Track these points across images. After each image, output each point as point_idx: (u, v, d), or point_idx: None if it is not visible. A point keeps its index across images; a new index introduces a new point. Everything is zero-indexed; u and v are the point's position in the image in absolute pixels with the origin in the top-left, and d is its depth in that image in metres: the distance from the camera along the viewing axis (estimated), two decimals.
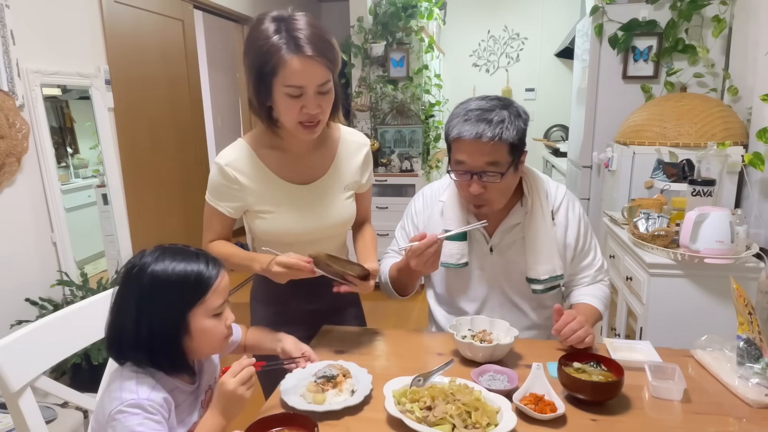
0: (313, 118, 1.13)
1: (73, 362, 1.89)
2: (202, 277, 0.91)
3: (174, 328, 0.90)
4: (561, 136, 5.39)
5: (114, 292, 0.94)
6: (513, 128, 1.23)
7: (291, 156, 1.26)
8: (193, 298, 0.91)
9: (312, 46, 1.06)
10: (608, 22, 2.77)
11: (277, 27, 1.07)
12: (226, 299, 0.97)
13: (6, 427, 1.59)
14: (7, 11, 1.96)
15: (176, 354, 0.92)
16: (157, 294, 0.89)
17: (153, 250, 0.93)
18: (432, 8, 3.92)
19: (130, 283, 0.91)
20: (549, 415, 0.96)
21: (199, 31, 4.64)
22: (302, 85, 1.08)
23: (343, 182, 1.31)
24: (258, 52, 1.08)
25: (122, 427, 0.84)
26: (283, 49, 1.06)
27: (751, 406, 1.02)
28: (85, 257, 2.41)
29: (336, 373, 1.08)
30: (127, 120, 2.66)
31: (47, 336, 1.03)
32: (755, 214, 2.11)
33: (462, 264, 1.37)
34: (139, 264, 0.91)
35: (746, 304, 1.14)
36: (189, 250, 0.95)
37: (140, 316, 0.89)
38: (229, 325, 0.97)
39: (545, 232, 1.34)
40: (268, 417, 0.93)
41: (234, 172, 1.22)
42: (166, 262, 0.90)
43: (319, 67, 1.08)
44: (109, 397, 0.88)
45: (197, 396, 1.00)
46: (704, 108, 2.39)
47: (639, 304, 2.00)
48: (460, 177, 1.28)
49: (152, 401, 0.87)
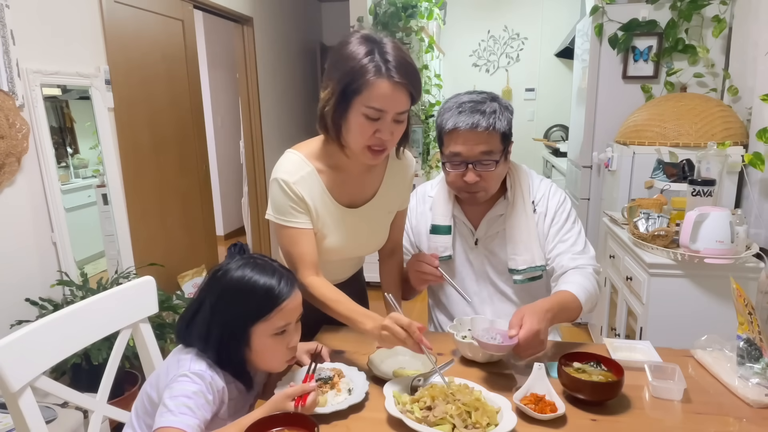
0: (383, 144, 1.11)
1: (73, 362, 1.89)
2: (272, 293, 0.94)
3: (237, 336, 0.94)
4: (561, 136, 5.39)
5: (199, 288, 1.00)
6: (504, 118, 1.29)
7: (344, 176, 1.23)
8: (259, 313, 0.94)
9: (401, 73, 1.05)
10: (608, 22, 2.77)
11: (370, 49, 1.06)
12: (294, 321, 0.98)
13: (6, 427, 1.59)
14: (7, 11, 1.96)
15: (238, 360, 0.96)
16: (229, 299, 0.93)
17: (242, 257, 0.98)
18: (432, 8, 3.92)
19: (212, 283, 0.96)
20: (549, 415, 0.96)
21: (199, 31, 4.65)
22: (383, 109, 1.06)
23: (388, 206, 1.32)
24: (346, 69, 1.06)
25: (180, 387, 0.88)
26: (372, 71, 1.04)
27: (751, 406, 1.02)
28: (85, 257, 2.41)
29: (331, 374, 1.09)
30: (127, 120, 2.66)
31: (47, 336, 1.02)
32: (755, 214, 2.11)
33: (446, 257, 1.42)
34: (225, 267, 0.96)
35: (746, 304, 1.14)
36: (270, 265, 0.98)
37: (212, 318, 0.93)
38: (293, 347, 0.99)
39: (525, 223, 1.37)
40: (268, 417, 0.93)
41: (301, 190, 1.17)
42: (245, 271, 0.94)
43: (404, 95, 1.07)
44: (177, 364, 0.93)
45: (247, 399, 1.03)
46: (704, 108, 2.39)
47: (639, 304, 2.00)
48: (456, 168, 1.32)
49: (215, 381, 0.92)
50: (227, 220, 5.48)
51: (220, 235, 5.25)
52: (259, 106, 4.19)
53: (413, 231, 1.51)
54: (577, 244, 1.36)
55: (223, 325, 0.93)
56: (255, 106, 4.16)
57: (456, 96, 1.33)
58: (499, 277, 1.43)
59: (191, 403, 0.87)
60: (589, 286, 1.27)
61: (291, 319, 0.97)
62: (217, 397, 0.93)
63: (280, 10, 4.67)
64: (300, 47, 5.23)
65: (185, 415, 0.86)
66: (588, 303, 1.27)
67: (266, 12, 4.33)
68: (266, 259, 1.00)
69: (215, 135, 5.18)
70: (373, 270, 1.50)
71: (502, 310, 1.42)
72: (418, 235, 1.50)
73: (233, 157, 5.23)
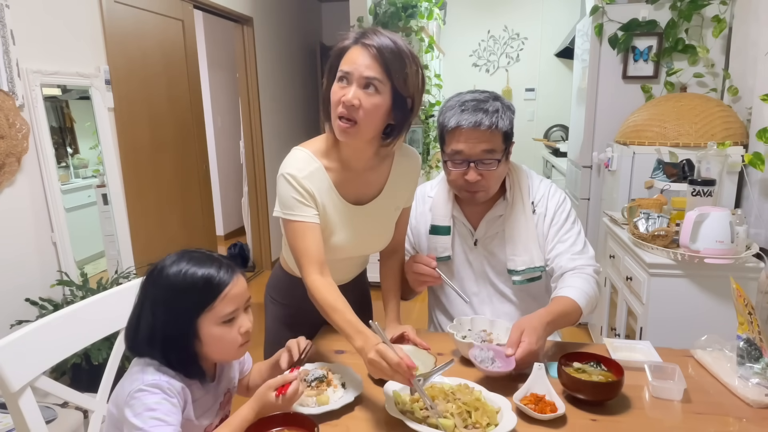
0: (348, 111, 1.07)
1: (73, 362, 1.89)
2: (212, 282, 0.90)
3: (184, 332, 0.90)
4: (561, 136, 5.39)
5: (137, 293, 0.95)
6: (506, 118, 1.29)
7: (351, 173, 1.22)
8: (202, 303, 0.90)
9: (374, 42, 1.06)
10: (608, 22, 2.77)
11: (360, 32, 1.09)
12: (241, 306, 0.95)
13: (6, 427, 1.59)
14: (7, 11, 1.96)
15: (188, 357, 0.92)
16: (169, 298, 0.90)
17: (176, 253, 0.94)
18: (432, 8, 3.92)
19: (149, 284, 0.92)
20: (549, 415, 0.96)
21: (199, 31, 4.65)
22: (349, 71, 1.06)
23: (395, 202, 1.32)
24: (334, 53, 1.10)
25: (140, 404, 0.85)
26: (350, 42, 1.09)
27: (751, 406, 1.03)
28: (85, 257, 2.41)
29: (323, 372, 1.09)
30: (127, 120, 2.66)
31: (47, 336, 1.02)
32: (755, 214, 2.11)
33: (445, 257, 1.41)
34: (159, 266, 0.92)
35: (746, 304, 1.14)
36: (207, 255, 0.94)
37: (155, 317, 0.90)
38: (244, 332, 0.95)
39: (524, 223, 1.36)
40: (268, 417, 0.93)
41: (309, 185, 1.16)
42: (181, 265, 0.90)
43: (370, 59, 1.06)
44: (129, 379, 0.90)
45: (216, 397, 1.01)
46: (704, 108, 2.39)
47: (639, 304, 2.00)
48: (457, 166, 1.31)
49: (172, 385, 0.89)
50: (227, 220, 5.48)
51: (220, 235, 5.26)
52: (259, 106, 4.19)
53: (413, 232, 1.50)
54: (576, 245, 1.36)
55: (168, 324, 0.90)
56: (255, 106, 4.16)
57: (458, 95, 1.33)
58: (498, 278, 1.43)
59: (158, 414, 0.85)
60: (588, 289, 1.28)
61: (238, 305, 0.93)
62: (180, 399, 0.90)
63: (280, 10, 4.67)
64: (300, 47, 5.23)
65: (158, 427, 0.84)
66: (588, 306, 1.27)
67: (266, 12, 4.33)
68: (202, 251, 0.96)
69: (215, 135, 5.17)
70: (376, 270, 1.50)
71: (502, 310, 1.42)
72: (418, 235, 1.50)
73: (233, 157, 5.23)
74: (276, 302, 1.43)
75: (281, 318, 1.42)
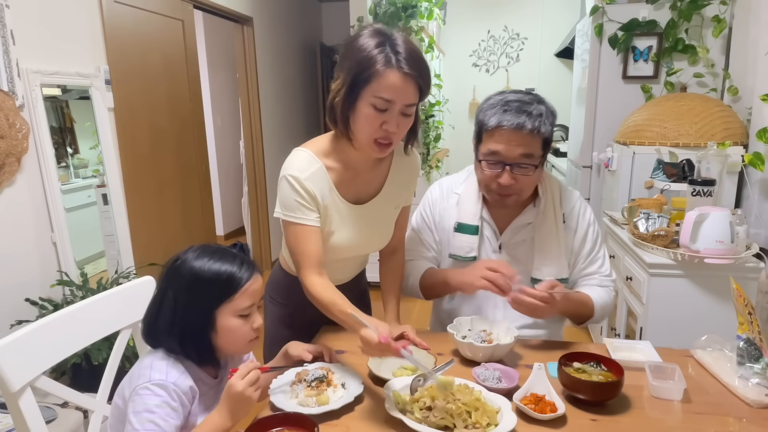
0: (389, 137, 1.11)
1: (73, 362, 1.89)
2: (234, 277, 0.97)
3: (202, 322, 0.97)
4: (561, 136, 5.38)
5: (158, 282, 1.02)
6: (549, 123, 1.27)
7: (352, 172, 1.23)
8: (222, 296, 0.97)
9: (411, 65, 1.06)
10: (608, 22, 2.78)
11: (380, 41, 1.07)
12: (256, 303, 1.02)
13: (6, 427, 1.59)
14: (7, 11, 1.96)
15: (204, 346, 0.99)
16: (192, 288, 0.96)
17: (197, 246, 1.00)
18: (432, 8, 3.92)
19: (171, 274, 0.98)
20: (549, 415, 0.96)
21: (199, 31, 4.65)
22: (391, 100, 1.06)
23: (394, 201, 1.31)
24: (357, 60, 1.07)
25: (141, 402, 0.90)
26: (382, 61, 1.05)
27: (751, 406, 1.03)
28: (85, 257, 2.41)
29: (323, 372, 1.09)
30: (127, 120, 2.66)
31: (47, 336, 1.02)
32: (755, 214, 2.11)
33: (470, 258, 1.38)
34: (182, 258, 0.98)
35: (746, 304, 1.14)
36: (228, 251, 1.02)
37: (176, 307, 0.96)
38: (257, 328, 1.02)
39: (555, 235, 1.35)
40: (268, 417, 0.93)
41: (311, 186, 1.16)
42: (204, 260, 0.97)
43: (412, 87, 1.07)
44: (138, 372, 0.94)
45: (218, 391, 1.04)
46: (704, 108, 2.39)
47: (639, 304, 2.00)
48: (492, 167, 1.28)
49: (178, 386, 0.93)
50: (227, 220, 5.48)
51: (220, 234, 5.26)
52: (259, 106, 4.19)
53: (437, 227, 1.45)
54: (604, 266, 1.40)
55: (188, 311, 0.96)
56: (255, 106, 4.16)
57: (501, 93, 1.30)
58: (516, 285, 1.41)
59: (155, 417, 0.88)
60: (607, 298, 1.36)
61: (254, 301, 1.01)
62: (185, 400, 0.94)
63: (280, 10, 4.67)
64: (300, 47, 5.23)
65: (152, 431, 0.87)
66: (600, 312, 1.33)
67: (266, 12, 4.33)
68: (221, 246, 1.03)
69: (215, 135, 5.17)
70: (376, 270, 1.49)
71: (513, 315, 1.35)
72: (443, 231, 1.45)
73: (233, 157, 5.23)
74: (275, 302, 1.43)
75: (280, 318, 1.42)
